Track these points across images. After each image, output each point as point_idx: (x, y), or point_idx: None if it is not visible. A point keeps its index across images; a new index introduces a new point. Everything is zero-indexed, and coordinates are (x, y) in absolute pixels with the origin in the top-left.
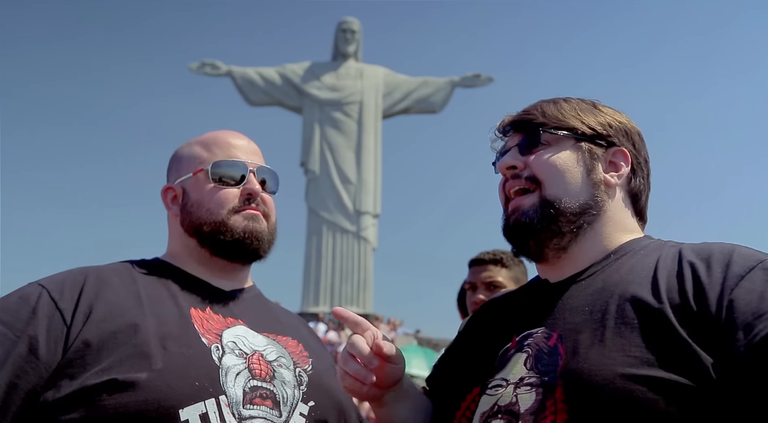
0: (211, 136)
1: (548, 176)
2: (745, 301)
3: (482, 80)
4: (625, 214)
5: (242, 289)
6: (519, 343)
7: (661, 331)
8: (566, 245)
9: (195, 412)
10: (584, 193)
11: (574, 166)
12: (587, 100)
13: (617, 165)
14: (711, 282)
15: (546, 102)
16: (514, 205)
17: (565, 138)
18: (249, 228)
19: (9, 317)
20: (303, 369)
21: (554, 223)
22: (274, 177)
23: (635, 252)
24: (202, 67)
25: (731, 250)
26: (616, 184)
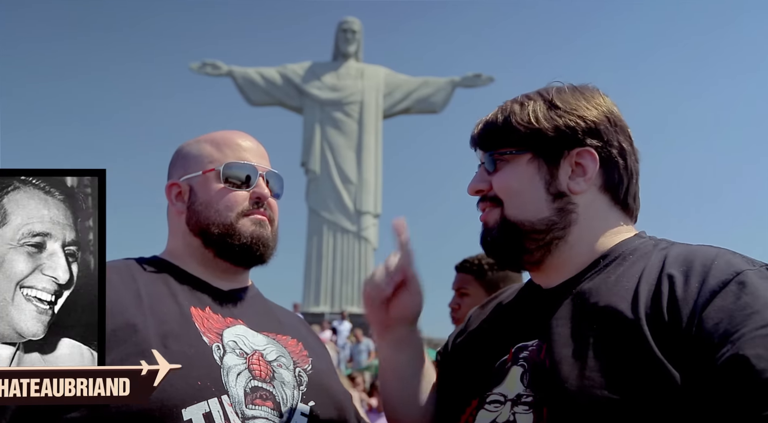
0: (220, 136)
1: (507, 198)
2: (714, 320)
3: (483, 80)
4: (604, 214)
5: (241, 288)
6: (515, 355)
7: (637, 350)
8: (539, 259)
9: (198, 411)
10: (546, 210)
11: (532, 182)
12: (549, 92)
13: (584, 167)
14: (685, 297)
15: (503, 108)
16: (482, 220)
17: (519, 155)
18: (256, 234)
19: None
20: (303, 369)
21: (519, 242)
22: (279, 181)
23: (624, 257)
24: (203, 67)
25: (712, 260)
26: (583, 190)
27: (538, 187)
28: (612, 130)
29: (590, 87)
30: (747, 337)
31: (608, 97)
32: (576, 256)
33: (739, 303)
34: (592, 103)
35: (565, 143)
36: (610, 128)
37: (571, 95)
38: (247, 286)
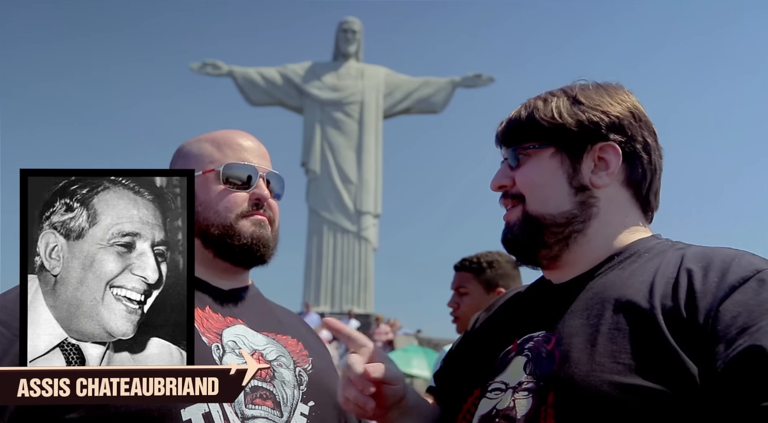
0: (221, 136)
1: (529, 192)
2: (732, 313)
3: (483, 80)
4: (624, 211)
5: (242, 288)
6: (520, 346)
7: (652, 338)
8: (557, 254)
9: (198, 411)
10: (567, 203)
11: (554, 176)
12: (573, 88)
13: (607, 161)
14: (704, 290)
15: (527, 104)
16: (506, 219)
17: (542, 149)
18: (256, 234)
19: (6, 316)
20: (303, 368)
21: (539, 237)
22: (280, 182)
23: (640, 254)
24: (203, 67)
25: (732, 257)
26: (605, 184)
27: (560, 180)
28: (636, 126)
29: (614, 84)
30: (765, 330)
31: (633, 94)
32: (592, 251)
33: (759, 298)
34: (616, 99)
35: (588, 138)
36: (635, 123)
37: (595, 92)
38: (247, 285)
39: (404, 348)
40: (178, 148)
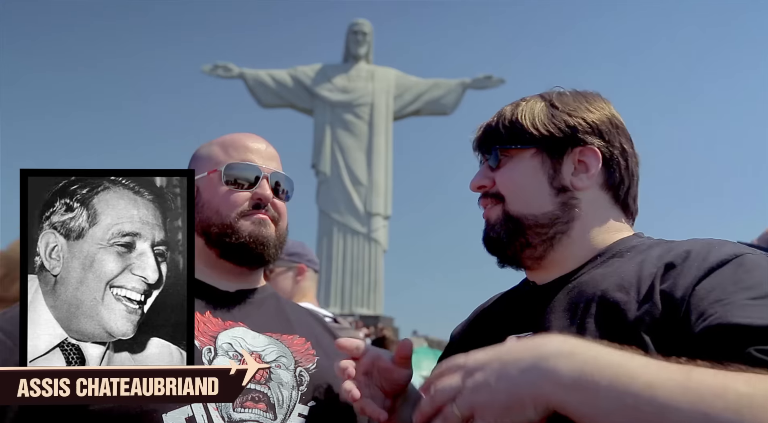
0: (229, 138)
1: (509, 193)
2: (707, 289)
3: (494, 82)
4: (605, 212)
5: (251, 289)
6: None
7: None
8: (541, 255)
9: (180, 416)
10: (549, 204)
11: (535, 177)
12: (549, 94)
13: (587, 164)
14: (684, 273)
15: (504, 110)
16: (485, 217)
17: (523, 150)
18: (255, 232)
19: (10, 326)
20: (305, 368)
21: (521, 237)
22: (288, 183)
23: (622, 253)
24: (214, 70)
25: (713, 245)
26: (586, 186)
27: (541, 181)
28: (614, 132)
29: (592, 92)
30: (737, 305)
31: (610, 102)
32: (576, 252)
33: (734, 277)
34: (594, 106)
35: (568, 141)
36: (612, 129)
37: (573, 98)
38: (256, 287)
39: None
40: (195, 151)
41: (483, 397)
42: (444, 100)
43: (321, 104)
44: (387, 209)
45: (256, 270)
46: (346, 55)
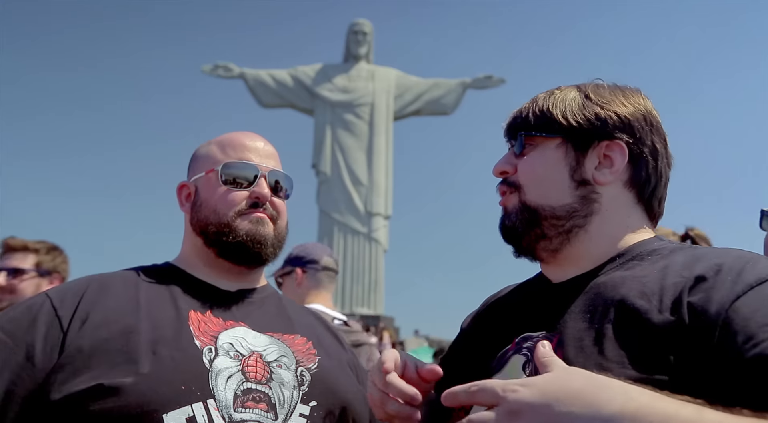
0: (227, 137)
1: (528, 181)
2: (750, 308)
3: (494, 82)
4: (627, 211)
5: (252, 289)
6: (518, 345)
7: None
8: (557, 247)
9: (181, 416)
10: (568, 196)
11: (557, 167)
12: (586, 86)
13: (612, 159)
14: (718, 288)
15: (538, 97)
16: (502, 204)
17: (548, 138)
18: (252, 231)
19: (12, 326)
20: (306, 368)
21: (537, 227)
22: (287, 181)
23: (643, 256)
24: (215, 70)
25: (747, 260)
26: (608, 181)
27: (562, 172)
28: (647, 129)
29: (632, 87)
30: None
31: (649, 100)
32: (594, 249)
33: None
34: (630, 100)
35: (596, 133)
36: (645, 126)
37: (609, 91)
38: (256, 287)
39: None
40: (194, 151)
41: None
42: (444, 99)
43: (321, 104)
44: (387, 209)
45: (255, 269)
46: (346, 55)
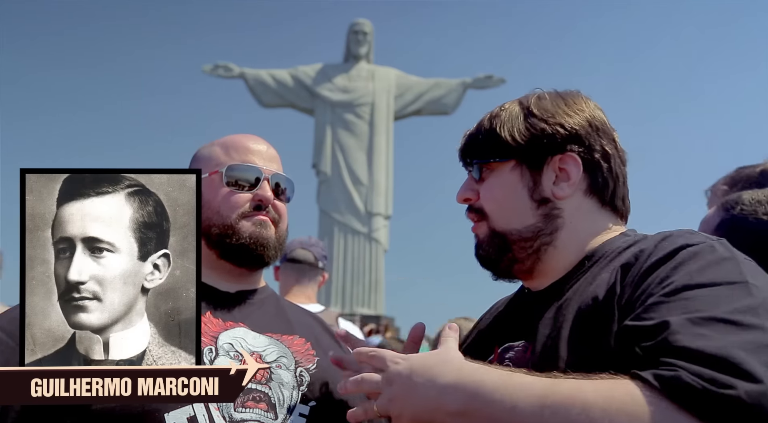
0: (230, 139)
1: (492, 208)
2: (651, 282)
3: (494, 81)
4: (592, 217)
5: (251, 290)
6: (500, 355)
7: (598, 339)
8: (530, 267)
9: (182, 415)
10: (531, 217)
11: (515, 191)
12: (528, 100)
13: (568, 172)
14: (631, 272)
15: (483, 120)
16: (473, 232)
17: (502, 163)
18: (255, 234)
19: (13, 327)
20: (305, 368)
21: (508, 252)
22: (289, 185)
23: (605, 256)
24: (215, 70)
25: (667, 235)
26: (567, 194)
27: (521, 194)
28: (594, 135)
29: (573, 92)
30: (648, 305)
31: (591, 101)
32: (564, 259)
33: (674, 262)
34: (573, 108)
35: (547, 150)
36: (592, 132)
37: (551, 102)
38: (257, 288)
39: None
40: (195, 152)
41: (395, 409)
42: (445, 99)
43: (322, 104)
44: (388, 209)
45: (256, 271)
46: (346, 54)
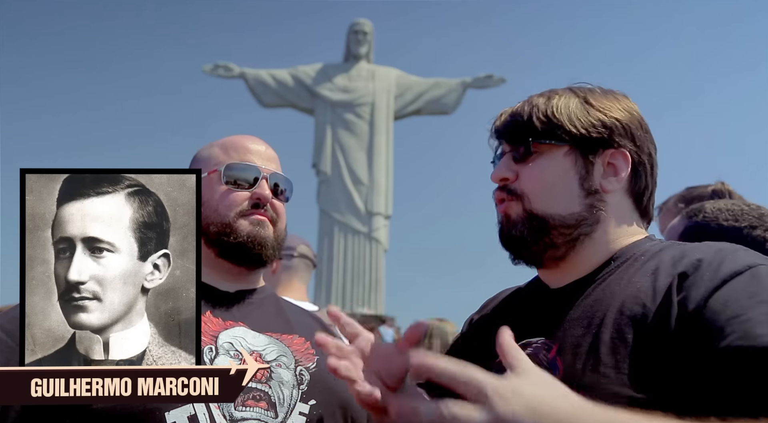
0: (229, 140)
1: (535, 190)
2: (721, 303)
3: (494, 81)
4: (626, 217)
5: (251, 290)
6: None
7: (652, 347)
8: (563, 255)
9: (183, 414)
10: (577, 205)
11: (566, 176)
12: (581, 90)
13: (616, 167)
14: (696, 284)
15: (537, 100)
16: (502, 211)
17: (556, 146)
18: (253, 233)
19: (12, 326)
20: (305, 367)
21: (546, 236)
22: (287, 185)
23: (636, 258)
24: (215, 70)
25: (726, 253)
26: (614, 189)
27: (572, 180)
28: (644, 136)
29: (619, 92)
30: (756, 321)
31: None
32: (594, 254)
33: (749, 290)
34: (625, 106)
35: (602, 142)
36: (643, 134)
37: (603, 96)
38: (256, 287)
39: None
40: (195, 153)
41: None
42: (445, 99)
43: (322, 104)
44: (388, 209)
45: (254, 270)
46: (346, 54)
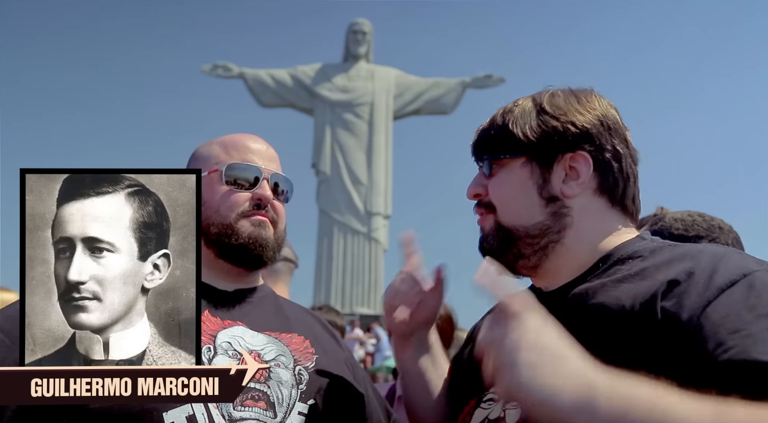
0: (230, 138)
1: (500, 204)
2: (720, 314)
3: (494, 81)
4: (602, 217)
5: (250, 289)
6: None
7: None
8: (535, 264)
9: (181, 414)
10: (539, 214)
11: (525, 187)
12: (540, 96)
13: (577, 170)
14: (690, 291)
15: (497, 114)
16: (479, 225)
17: (512, 159)
18: (254, 234)
19: (9, 325)
20: (304, 367)
21: (513, 247)
22: (288, 185)
23: (623, 260)
24: (214, 70)
25: (720, 258)
26: (576, 193)
27: (530, 191)
28: (605, 134)
29: (587, 90)
30: (759, 338)
31: (605, 100)
32: (574, 259)
33: (748, 303)
34: (586, 107)
35: (558, 147)
36: (603, 132)
37: (564, 100)
38: (255, 286)
39: None
40: (193, 151)
41: (505, 379)
42: (444, 99)
43: (321, 104)
44: (387, 209)
45: (254, 271)
46: (346, 54)
